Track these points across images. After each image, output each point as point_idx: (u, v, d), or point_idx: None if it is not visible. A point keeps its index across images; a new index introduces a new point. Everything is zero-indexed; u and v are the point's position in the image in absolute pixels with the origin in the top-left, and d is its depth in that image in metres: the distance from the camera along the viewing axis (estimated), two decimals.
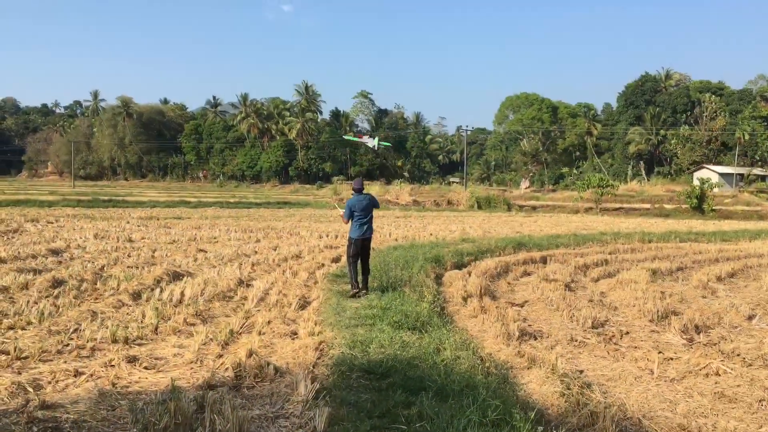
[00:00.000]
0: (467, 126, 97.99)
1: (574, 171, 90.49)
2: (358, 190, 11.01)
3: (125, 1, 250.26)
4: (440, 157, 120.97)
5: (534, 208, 56.95)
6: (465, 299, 10.90)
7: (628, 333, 8.89)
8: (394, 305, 9.23)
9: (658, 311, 9.89)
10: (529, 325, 9.33)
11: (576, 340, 8.42)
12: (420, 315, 8.58)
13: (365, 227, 10.83)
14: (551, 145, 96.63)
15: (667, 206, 54.38)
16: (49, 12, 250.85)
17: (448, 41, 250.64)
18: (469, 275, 13.36)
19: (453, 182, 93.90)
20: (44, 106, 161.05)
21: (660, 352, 7.64)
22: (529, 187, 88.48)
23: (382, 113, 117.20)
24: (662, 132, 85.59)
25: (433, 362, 6.52)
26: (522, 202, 59.30)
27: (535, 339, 8.51)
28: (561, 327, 9.32)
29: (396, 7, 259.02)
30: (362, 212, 10.78)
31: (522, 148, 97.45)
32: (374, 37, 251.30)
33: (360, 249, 10.81)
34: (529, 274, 14.97)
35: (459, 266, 15.25)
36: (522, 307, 10.96)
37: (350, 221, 10.92)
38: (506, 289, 12.86)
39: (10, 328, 7.78)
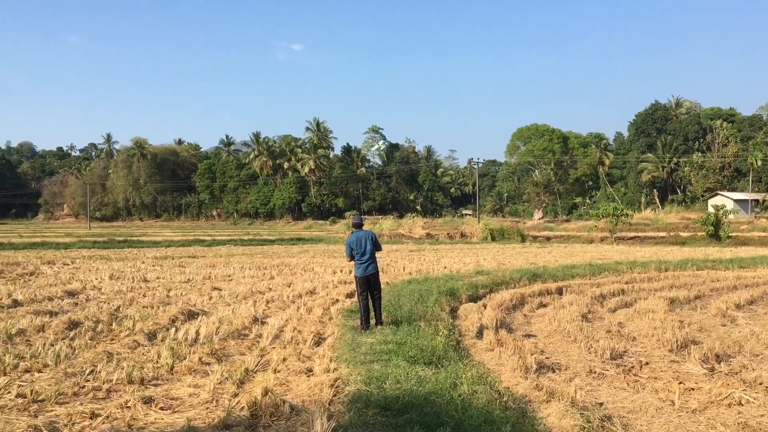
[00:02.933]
0: (478, 158, 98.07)
1: (587, 200, 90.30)
2: (358, 226, 11.02)
3: (137, 44, 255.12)
4: (452, 190, 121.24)
5: (548, 238, 56.72)
6: (481, 332, 10.82)
7: (647, 363, 8.76)
8: (410, 340, 9.17)
9: (677, 341, 9.76)
10: (547, 358, 9.22)
11: (595, 372, 8.31)
12: (436, 349, 8.51)
13: (366, 264, 10.75)
14: (563, 175, 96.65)
15: (682, 234, 53.96)
16: (63, 58, 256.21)
17: (457, 74, 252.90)
18: (485, 308, 13.28)
19: (466, 214, 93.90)
20: (60, 149, 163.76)
21: (681, 383, 7.52)
22: (542, 217, 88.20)
23: (394, 148, 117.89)
24: (675, 160, 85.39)
25: (450, 397, 6.44)
26: (536, 233, 59.10)
27: (553, 371, 8.41)
28: (579, 359, 9.21)
29: (403, 43, 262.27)
30: (362, 250, 10.71)
31: (534, 178, 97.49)
32: (383, 72, 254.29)
33: (367, 285, 10.78)
34: (545, 306, 14.85)
35: (474, 299, 15.16)
36: (539, 339, 10.86)
37: (352, 259, 10.90)
38: (522, 322, 12.76)
39: (27, 371, 7.80)
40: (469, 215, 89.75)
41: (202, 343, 9.49)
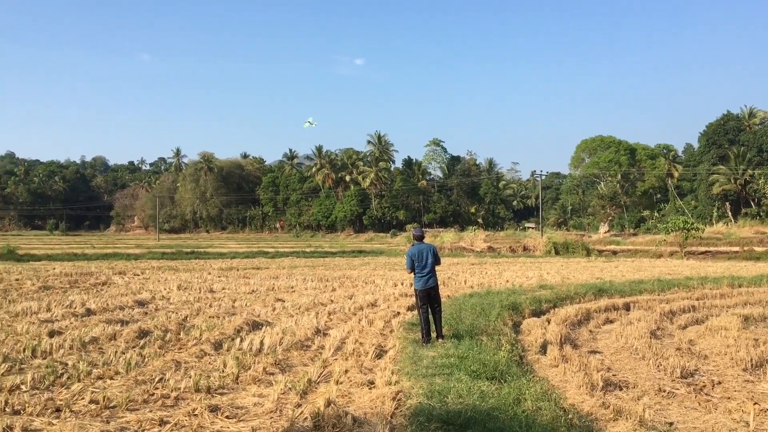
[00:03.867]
0: (541, 171, 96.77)
1: (656, 214, 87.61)
2: (419, 238, 10.98)
3: (204, 61, 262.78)
4: (514, 203, 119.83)
5: (614, 252, 55.26)
6: (545, 348, 10.63)
7: (720, 383, 8.43)
8: (472, 354, 9.08)
9: (751, 359, 9.36)
10: (614, 375, 8.98)
11: (664, 391, 8.04)
12: (498, 364, 8.41)
13: (426, 277, 10.69)
14: (630, 187, 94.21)
15: (757, 249, 51.69)
16: (135, 75, 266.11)
17: (520, 85, 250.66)
18: (549, 323, 13.04)
19: (528, 228, 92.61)
20: (131, 163, 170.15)
21: (756, 403, 7.20)
22: (608, 231, 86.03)
23: (455, 160, 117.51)
24: (749, 172, 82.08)
25: (514, 413, 6.35)
26: (601, 247, 57.68)
27: (621, 389, 8.18)
28: (648, 377, 8.93)
29: (465, 55, 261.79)
30: (423, 263, 10.67)
31: (599, 191, 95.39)
32: (444, 85, 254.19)
33: (427, 299, 10.73)
34: (611, 322, 14.47)
35: (537, 314, 14.92)
36: (605, 355, 10.59)
37: (411, 271, 10.87)
38: (588, 338, 12.47)
39: (99, 377, 8.08)
40: (532, 228, 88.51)
41: (266, 354, 9.64)
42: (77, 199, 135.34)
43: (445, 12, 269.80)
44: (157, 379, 7.95)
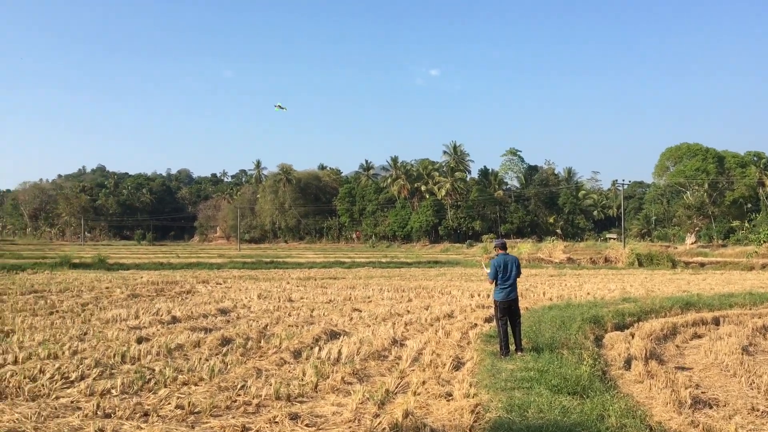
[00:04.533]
0: (623, 180, 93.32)
1: (746, 224, 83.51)
2: (503, 247, 10.84)
3: (283, 76, 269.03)
4: (595, 213, 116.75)
5: (702, 264, 52.95)
6: (629, 363, 10.28)
7: None
8: (552, 368, 8.88)
9: None
10: (703, 392, 8.59)
11: (758, 410, 7.64)
12: (580, 379, 8.19)
13: (509, 289, 10.54)
14: (718, 197, 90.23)
15: None
16: (218, 91, 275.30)
17: (599, 93, 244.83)
18: (632, 337, 12.62)
19: (610, 238, 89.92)
20: (214, 175, 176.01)
21: None
22: (695, 242, 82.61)
23: (532, 170, 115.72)
24: None
25: (597, 430, 6.17)
26: (688, 259, 55.39)
27: (710, 408, 7.82)
28: (739, 395, 8.50)
29: (542, 63, 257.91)
30: (507, 275, 10.53)
31: (685, 201, 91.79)
32: (520, 94, 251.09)
33: (507, 311, 10.56)
34: (699, 337, 13.87)
35: (620, 327, 14.45)
36: (693, 372, 10.15)
37: (494, 282, 10.72)
38: (674, 353, 11.99)
39: (184, 383, 8.35)
40: (614, 239, 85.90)
41: (344, 363, 9.73)
42: (163, 211, 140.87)
43: (520, 20, 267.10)
44: (239, 386, 8.15)
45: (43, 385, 7.96)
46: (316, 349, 10.82)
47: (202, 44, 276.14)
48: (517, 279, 10.84)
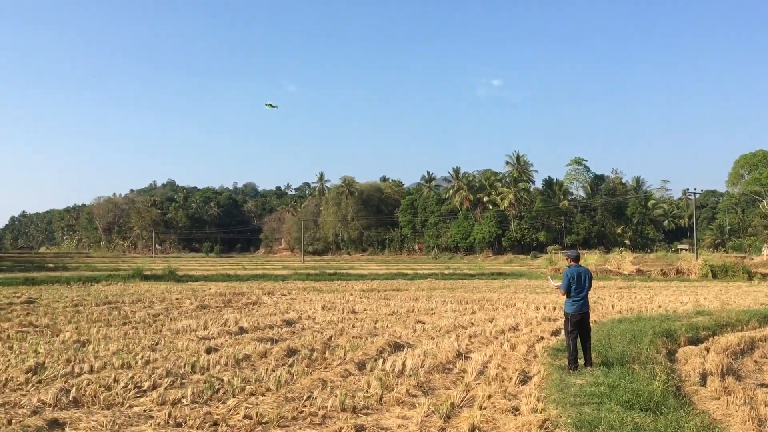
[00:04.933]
0: (695, 189, 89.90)
1: None
2: (576, 259, 10.57)
3: (344, 89, 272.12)
4: (665, 223, 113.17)
5: None
6: (704, 378, 9.87)
7: None
8: (623, 383, 8.62)
9: None
10: None
11: None
12: (653, 394, 7.90)
13: (582, 301, 10.27)
14: None
15: None
16: (283, 105, 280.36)
17: (669, 99, 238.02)
18: (707, 352, 12.13)
19: (681, 249, 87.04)
20: (278, 188, 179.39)
21: None
22: None
23: (599, 179, 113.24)
24: None
25: None
26: (765, 270, 53.02)
27: None
28: None
29: (606, 70, 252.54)
30: (580, 285, 10.29)
31: (761, 210, 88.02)
32: (586, 103, 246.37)
33: (578, 324, 10.30)
34: None
35: (694, 342, 13.91)
36: None
37: (566, 293, 10.46)
38: (753, 368, 11.46)
39: (252, 394, 8.48)
40: (685, 250, 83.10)
41: (408, 375, 9.69)
42: (230, 223, 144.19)
43: (582, 31, 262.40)
44: (305, 397, 8.22)
45: (117, 394, 8.22)
46: (380, 360, 10.83)
47: (265, 60, 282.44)
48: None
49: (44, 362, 10.28)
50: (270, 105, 65.09)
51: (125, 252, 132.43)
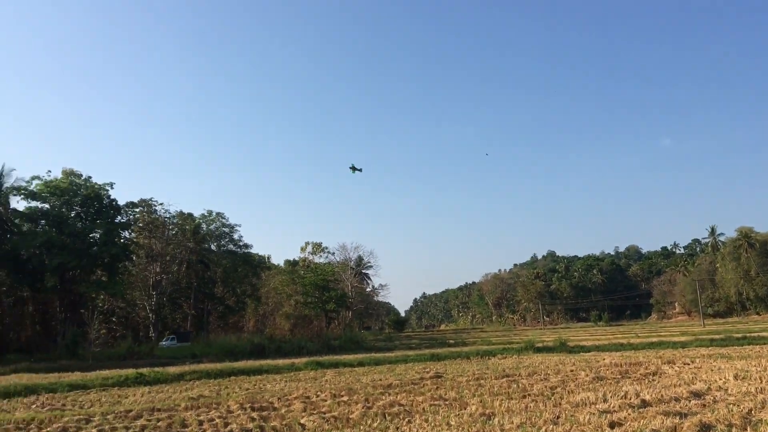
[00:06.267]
0: None
1: None
2: None
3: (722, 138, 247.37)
4: None
5: None
6: None
7: None
8: None
9: None
10: None
11: None
12: None
13: None
14: None
15: None
16: (653, 163, 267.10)
17: None
18: None
19: None
20: (664, 248, 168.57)
21: None
22: None
23: None
24: None
25: None
26: None
27: None
28: None
29: None
30: None
31: None
32: None
33: None
34: None
35: None
36: None
37: None
38: None
39: None
40: None
41: None
42: (615, 290, 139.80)
43: None
44: None
45: None
46: None
47: (631, 115, 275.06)
48: None
49: None
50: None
51: (515, 325, 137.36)
